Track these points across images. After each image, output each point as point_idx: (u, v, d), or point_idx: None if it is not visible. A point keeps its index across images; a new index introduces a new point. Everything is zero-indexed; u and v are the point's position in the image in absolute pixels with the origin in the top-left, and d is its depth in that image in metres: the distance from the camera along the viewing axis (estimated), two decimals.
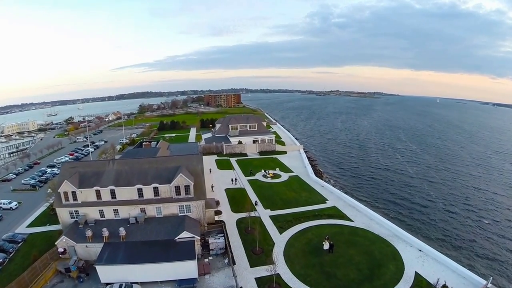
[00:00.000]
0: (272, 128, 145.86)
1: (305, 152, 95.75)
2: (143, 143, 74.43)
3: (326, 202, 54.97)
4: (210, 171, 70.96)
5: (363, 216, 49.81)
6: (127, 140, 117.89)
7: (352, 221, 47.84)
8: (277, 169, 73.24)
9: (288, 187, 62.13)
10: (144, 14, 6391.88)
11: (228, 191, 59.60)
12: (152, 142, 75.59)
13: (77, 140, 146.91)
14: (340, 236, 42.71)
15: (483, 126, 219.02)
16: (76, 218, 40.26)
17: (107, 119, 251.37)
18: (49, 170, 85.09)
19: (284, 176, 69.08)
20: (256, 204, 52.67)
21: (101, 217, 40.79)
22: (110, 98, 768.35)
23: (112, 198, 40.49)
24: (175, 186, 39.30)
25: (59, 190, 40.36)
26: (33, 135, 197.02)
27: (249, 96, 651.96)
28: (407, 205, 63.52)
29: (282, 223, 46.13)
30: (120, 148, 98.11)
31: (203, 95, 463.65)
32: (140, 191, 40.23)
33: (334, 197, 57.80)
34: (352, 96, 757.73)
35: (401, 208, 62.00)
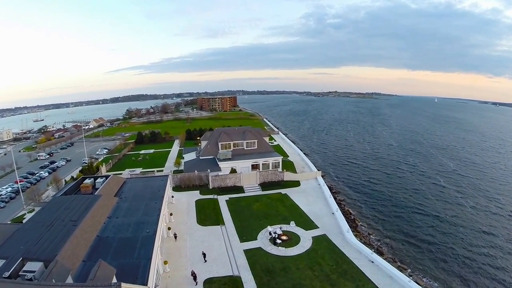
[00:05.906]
0: (275, 140, 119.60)
1: (322, 177, 68.67)
2: (82, 183, 47.49)
3: None
4: (176, 238, 41.57)
5: None
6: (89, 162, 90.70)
7: None
8: (292, 223, 45.82)
9: (315, 268, 35.29)
10: (139, 16, 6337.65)
11: (211, 286, 32.75)
12: (98, 180, 48.93)
13: (38, 157, 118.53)
14: None
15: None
16: None
17: (86, 127, 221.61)
18: None
19: (305, 239, 42.04)
20: None
21: None
22: (104, 101, 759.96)
23: None
24: None
25: None
26: (4, 146, 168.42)
27: (245, 98, 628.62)
28: None
29: None
30: (71, 178, 70.78)
31: (197, 98, 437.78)
32: None
33: None
34: (351, 97, 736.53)
35: None
